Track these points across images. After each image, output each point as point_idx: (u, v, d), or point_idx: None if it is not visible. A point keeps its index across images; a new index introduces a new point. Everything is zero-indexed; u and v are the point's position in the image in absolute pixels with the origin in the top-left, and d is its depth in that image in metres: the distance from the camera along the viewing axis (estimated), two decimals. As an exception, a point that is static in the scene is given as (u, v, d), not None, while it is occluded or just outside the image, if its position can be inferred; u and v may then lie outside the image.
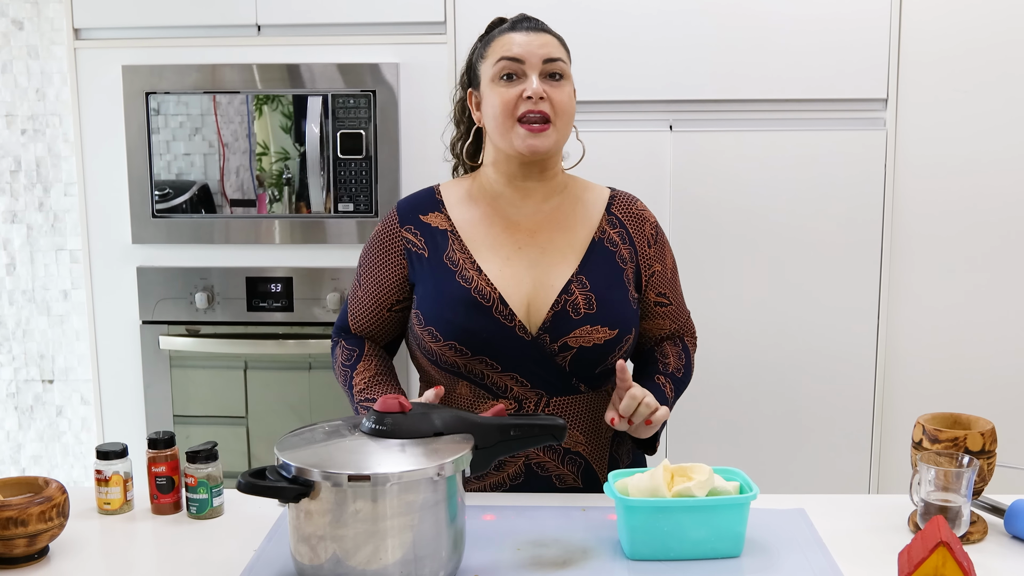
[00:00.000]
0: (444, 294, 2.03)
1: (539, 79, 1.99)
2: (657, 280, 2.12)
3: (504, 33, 2.05)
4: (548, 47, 2.01)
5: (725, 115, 3.15)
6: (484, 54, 2.07)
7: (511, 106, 1.99)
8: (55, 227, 3.59)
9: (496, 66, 2.01)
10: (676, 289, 2.18)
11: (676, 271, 2.19)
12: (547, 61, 1.99)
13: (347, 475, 1.49)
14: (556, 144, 2.02)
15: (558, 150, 2.07)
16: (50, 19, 3.50)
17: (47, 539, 1.72)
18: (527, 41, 2.00)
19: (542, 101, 1.98)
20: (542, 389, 2.02)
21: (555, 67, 2.00)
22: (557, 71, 2.01)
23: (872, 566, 1.68)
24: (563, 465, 2.04)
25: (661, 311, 2.14)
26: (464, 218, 2.10)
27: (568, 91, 2.03)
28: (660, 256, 2.13)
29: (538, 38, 2.01)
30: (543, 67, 1.99)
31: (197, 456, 1.90)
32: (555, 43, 2.04)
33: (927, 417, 1.88)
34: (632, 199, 2.16)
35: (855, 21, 3.07)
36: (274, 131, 3.20)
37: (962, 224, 3.14)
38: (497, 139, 2.04)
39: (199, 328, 3.29)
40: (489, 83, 2.03)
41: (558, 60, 2.01)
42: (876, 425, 3.22)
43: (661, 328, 2.16)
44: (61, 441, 3.75)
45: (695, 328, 2.28)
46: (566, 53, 2.06)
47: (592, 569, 1.66)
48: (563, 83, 2.02)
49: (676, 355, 2.15)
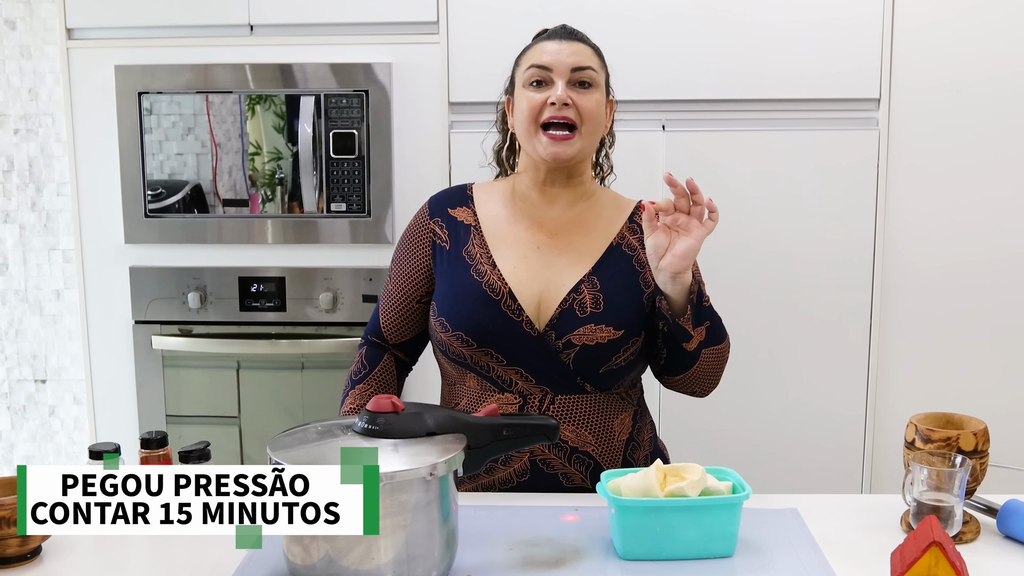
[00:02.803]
0: (457, 286, 2.07)
1: (566, 86, 2.01)
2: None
3: (540, 42, 2.09)
4: (578, 55, 2.03)
5: (718, 115, 3.16)
6: (519, 61, 2.11)
7: (536, 111, 2.02)
8: (48, 227, 3.59)
9: (526, 72, 2.05)
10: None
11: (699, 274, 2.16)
12: (575, 69, 2.02)
13: (340, 475, 1.50)
14: (580, 152, 2.05)
15: (583, 158, 2.09)
16: (43, 19, 3.49)
17: (40, 539, 1.72)
18: (558, 49, 2.04)
19: (566, 107, 2.00)
20: (547, 385, 2.03)
21: (583, 75, 2.03)
22: (585, 79, 2.03)
23: (865, 566, 1.68)
24: (570, 464, 2.04)
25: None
26: (489, 215, 2.14)
27: (595, 99, 2.04)
28: None
29: (570, 46, 2.04)
30: (571, 75, 2.02)
31: (190, 456, 1.90)
32: (587, 52, 2.06)
33: (920, 417, 1.88)
34: None
35: (848, 21, 3.07)
36: (267, 131, 3.20)
37: (954, 223, 3.14)
38: (524, 144, 2.08)
39: (192, 328, 3.28)
40: (520, 89, 2.07)
41: (587, 68, 2.03)
42: (869, 425, 3.22)
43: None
44: (54, 441, 3.75)
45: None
46: (599, 63, 2.08)
47: (585, 569, 1.66)
48: (591, 91, 2.04)
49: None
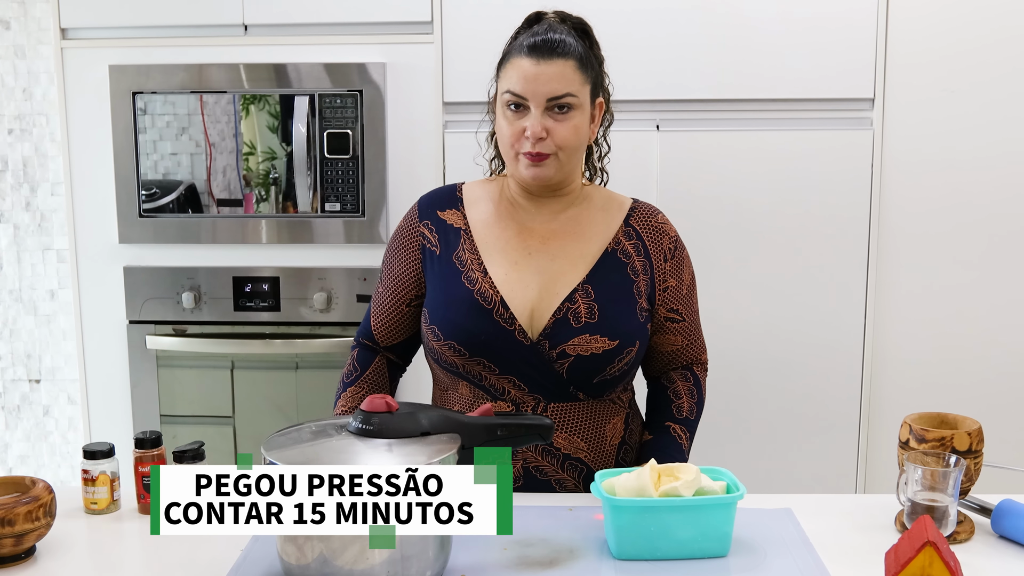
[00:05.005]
0: (448, 293, 2.05)
1: (543, 114, 1.95)
2: (671, 296, 2.10)
3: (520, 54, 1.97)
4: (554, 83, 1.94)
5: (712, 115, 3.16)
6: (501, 67, 2.03)
7: (515, 139, 1.98)
8: (42, 227, 3.58)
9: (504, 96, 1.98)
10: (691, 306, 2.15)
11: (694, 287, 2.16)
12: (551, 99, 1.94)
13: (334, 475, 1.50)
14: (559, 172, 2.00)
15: (564, 175, 2.04)
16: (37, 19, 3.48)
17: (34, 539, 1.72)
18: (535, 74, 1.94)
19: (541, 142, 1.95)
20: (539, 394, 2.02)
21: (560, 102, 1.94)
22: (563, 104, 1.95)
23: (859, 566, 1.68)
24: (562, 470, 2.03)
25: (673, 327, 2.12)
26: (479, 218, 2.11)
27: (573, 124, 1.97)
28: (676, 271, 2.11)
29: (549, 68, 1.94)
30: (547, 103, 1.94)
31: (184, 456, 1.90)
32: (567, 70, 1.96)
33: (914, 417, 1.89)
34: (653, 211, 2.14)
35: (842, 21, 3.07)
36: (261, 131, 3.19)
37: (949, 223, 3.15)
38: (506, 163, 2.05)
39: (186, 328, 3.28)
40: (500, 106, 2.00)
41: (564, 96, 1.94)
42: (863, 425, 3.22)
43: (672, 343, 2.14)
44: (48, 441, 3.74)
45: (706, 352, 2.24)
46: (580, 77, 1.97)
47: (579, 569, 1.66)
48: (569, 115, 1.96)
49: (688, 393, 2.15)
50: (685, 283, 2.13)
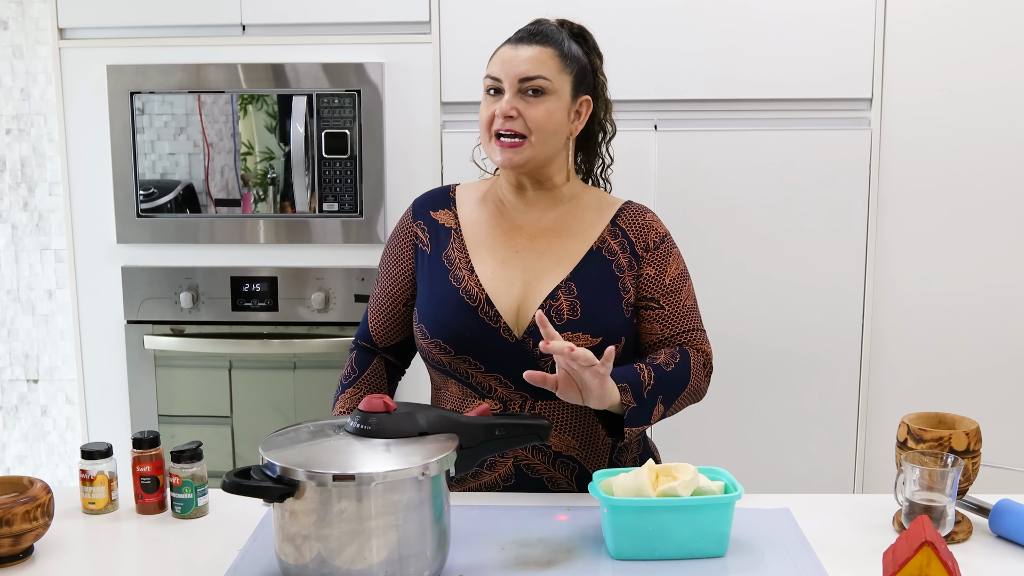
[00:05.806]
0: (435, 292, 2.06)
1: (515, 96, 1.98)
2: (646, 283, 2.07)
3: (503, 44, 2.05)
4: (529, 64, 1.98)
5: (710, 115, 3.16)
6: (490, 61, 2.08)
7: (489, 121, 2.01)
8: (40, 227, 3.58)
9: (485, 80, 2.04)
10: (676, 298, 2.09)
11: (682, 282, 2.11)
12: (523, 80, 1.98)
13: (332, 475, 1.50)
14: (532, 159, 2.01)
15: (538, 164, 2.04)
16: (35, 19, 3.48)
17: (32, 539, 1.71)
18: (511, 57, 2.00)
19: (511, 120, 1.98)
20: (526, 392, 2.01)
21: (532, 84, 1.98)
22: (535, 88, 1.98)
23: (857, 566, 1.68)
24: (554, 468, 2.03)
25: (648, 315, 2.08)
26: (470, 218, 2.12)
27: (545, 108, 1.99)
28: (657, 261, 2.08)
29: (527, 51, 1.99)
30: (520, 85, 1.98)
31: (182, 456, 1.90)
32: (544, 56, 1.99)
33: (912, 416, 1.89)
34: (642, 210, 2.13)
35: (840, 21, 3.07)
36: (259, 131, 3.19)
37: (946, 223, 3.15)
38: (484, 149, 2.07)
39: (184, 328, 3.28)
40: (483, 94, 2.05)
41: (536, 78, 1.98)
42: (861, 424, 3.22)
43: (650, 332, 2.09)
44: (46, 441, 3.74)
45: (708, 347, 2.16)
46: (558, 66, 2.00)
47: (577, 569, 1.66)
48: (541, 100, 1.98)
49: (668, 354, 2.04)
50: (669, 275, 2.08)
